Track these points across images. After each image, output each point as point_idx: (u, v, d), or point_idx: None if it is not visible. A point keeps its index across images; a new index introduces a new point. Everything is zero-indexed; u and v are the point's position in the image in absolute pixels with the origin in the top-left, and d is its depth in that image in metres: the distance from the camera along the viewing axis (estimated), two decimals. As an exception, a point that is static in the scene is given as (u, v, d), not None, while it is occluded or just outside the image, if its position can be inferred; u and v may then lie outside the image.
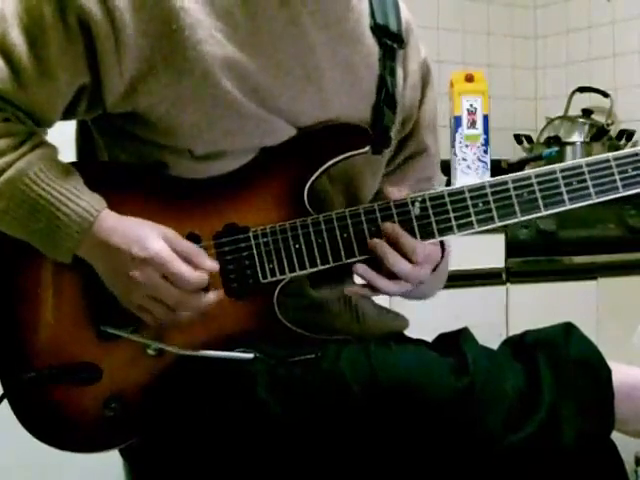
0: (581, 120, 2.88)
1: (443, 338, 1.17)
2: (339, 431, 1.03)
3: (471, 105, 2.45)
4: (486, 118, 2.45)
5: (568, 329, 1.11)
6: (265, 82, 1.10)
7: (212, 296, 1.07)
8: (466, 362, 1.05)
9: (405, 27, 1.25)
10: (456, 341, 1.11)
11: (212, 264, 1.08)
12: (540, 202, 1.10)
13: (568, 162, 1.11)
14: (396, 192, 1.12)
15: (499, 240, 2.33)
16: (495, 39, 3.15)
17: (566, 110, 2.97)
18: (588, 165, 1.10)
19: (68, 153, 1.18)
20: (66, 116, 1.12)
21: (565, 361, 1.06)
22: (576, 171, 1.10)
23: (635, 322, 1.95)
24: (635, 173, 1.10)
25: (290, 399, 1.04)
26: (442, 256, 1.18)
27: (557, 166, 1.11)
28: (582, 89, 2.97)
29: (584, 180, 1.10)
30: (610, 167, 1.10)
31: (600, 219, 2.44)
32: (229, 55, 1.08)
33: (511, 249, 2.35)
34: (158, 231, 1.06)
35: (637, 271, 2.49)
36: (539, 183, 1.10)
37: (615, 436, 1.07)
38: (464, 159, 2.46)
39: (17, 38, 1.04)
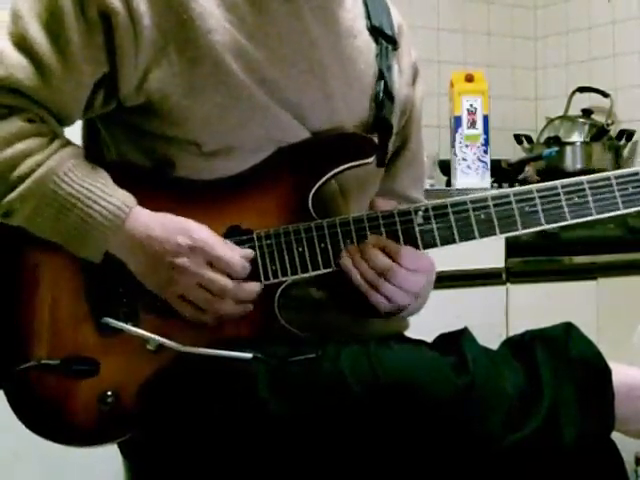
0: (581, 120, 2.88)
1: (443, 338, 1.17)
2: (340, 430, 1.03)
3: (471, 105, 2.46)
4: (486, 118, 2.46)
5: (568, 329, 1.11)
6: (272, 74, 1.12)
7: (254, 286, 1.10)
8: (466, 362, 1.06)
9: (397, 30, 1.29)
10: (456, 341, 1.11)
11: (248, 251, 1.10)
12: (541, 215, 1.12)
13: (570, 179, 1.13)
14: (381, 202, 1.14)
15: (499, 240, 2.32)
16: (495, 39, 3.16)
17: (566, 110, 2.97)
18: (589, 182, 1.12)
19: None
20: (84, 112, 1.13)
21: (565, 361, 1.06)
22: (577, 187, 1.12)
23: (635, 322, 1.95)
24: (635, 191, 1.12)
25: (290, 399, 1.04)
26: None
27: (559, 182, 1.13)
28: (582, 89, 2.97)
29: (585, 196, 1.12)
30: (611, 185, 1.12)
31: (600, 219, 2.43)
32: (239, 44, 1.10)
33: (511, 249, 2.35)
34: (196, 223, 1.08)
35: (637, 271, 2.49)
36: (541, 197, 1.12)
37: (615, 436, 1.07)
38: (464, 159, 2.47)
39: (37, 34, 1.05)
